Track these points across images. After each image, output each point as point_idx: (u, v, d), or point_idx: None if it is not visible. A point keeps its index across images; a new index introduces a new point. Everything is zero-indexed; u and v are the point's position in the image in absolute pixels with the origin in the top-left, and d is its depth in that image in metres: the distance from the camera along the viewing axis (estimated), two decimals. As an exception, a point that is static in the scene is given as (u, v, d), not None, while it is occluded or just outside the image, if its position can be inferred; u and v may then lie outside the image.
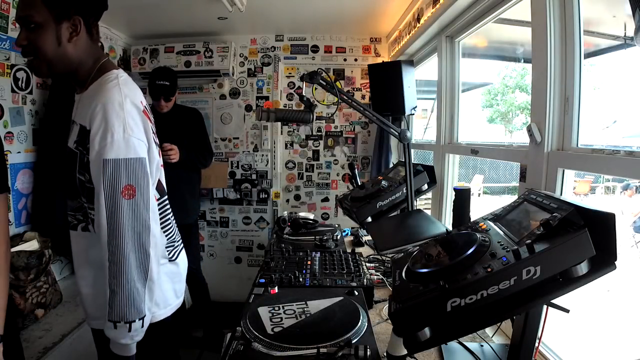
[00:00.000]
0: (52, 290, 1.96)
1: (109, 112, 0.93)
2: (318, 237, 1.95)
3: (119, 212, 0.92)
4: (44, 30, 0.95)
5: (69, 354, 1.73)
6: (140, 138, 0.98)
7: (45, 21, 0.95)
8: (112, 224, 0.91)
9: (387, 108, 2.05)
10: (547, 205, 0.83)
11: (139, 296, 0.93)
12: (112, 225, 0.91)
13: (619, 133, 2.82)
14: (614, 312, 2.74)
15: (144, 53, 2.99)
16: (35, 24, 0.94)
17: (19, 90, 2.01)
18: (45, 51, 0.96)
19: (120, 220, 0.91)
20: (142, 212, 0.95)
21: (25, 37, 0.95)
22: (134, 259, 0.92)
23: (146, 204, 0.96)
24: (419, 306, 0.75)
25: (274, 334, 1.03)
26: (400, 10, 2.55)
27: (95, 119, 0.93)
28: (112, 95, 0.95)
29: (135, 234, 0.93)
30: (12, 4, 1.92)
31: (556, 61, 1.16)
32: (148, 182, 0.97)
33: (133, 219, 0.93)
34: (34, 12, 0.93)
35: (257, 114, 1.63)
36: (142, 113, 1.01)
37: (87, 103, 0.98)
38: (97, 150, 0.92)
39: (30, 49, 0.96)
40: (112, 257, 0.91)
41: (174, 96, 2.42)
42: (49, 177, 2.08)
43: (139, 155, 0.96)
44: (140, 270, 0.94)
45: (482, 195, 7.42)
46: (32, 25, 0.94)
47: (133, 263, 0.92)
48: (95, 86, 1.01)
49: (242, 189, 3.28)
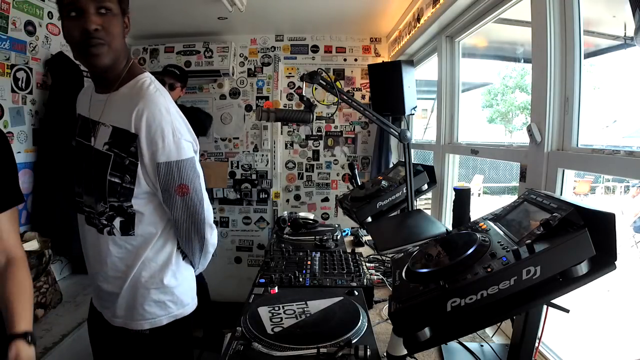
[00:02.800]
0: (52, 290, 1.96)
1: (158, 118, 0.98)
2: (318, 237, 1.95)
3: (182, 208, 1.04)
4: (117, 19, 0.98)
5: (69, 354, 1.73)
6: (188, 139, 1.03)
7: (117, 11, 0.98)
8: (181, 218, 1.05)
9: (387, 108, 2.05)
10: (547, 205, 0.83)
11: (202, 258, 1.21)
12: (180, 219, 1.06)
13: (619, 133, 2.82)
14: (614, 312, 2.74)
15: (144, 53, 2.99)
16: (111, 10, 0.95)
17: (19, 90, 2.01)
18: (116, 38, 0.98)
19: (184, 215, 1.05)
20: (197, 207, 1.06)
21: (101, 22, 0.94)
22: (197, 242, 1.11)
23: (199, 198, 1.06)
24: (419, 306, 0.75)
25: (274, 334, 1.03)
26: (400, 10, 2.55)
27: (143, 124, 0.97)
28: (157, 100, 0.99)
29: (196, 226, 1.08)
30: (12, 4, 1.92)
31: (556, 61, 1.16)
32: (199, 178, 1.06)
33: (192, 213, 1.06)
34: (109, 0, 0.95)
35: (257, 114, 1.63)
36: (182, 115, 1.07)
37: (123, 105, 1.00)
38: (149, 155, 0.98)
39: (103, 35, 0.95)
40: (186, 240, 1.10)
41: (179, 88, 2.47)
42: (49, 177, 2.08)
43: (188, 155, 1.02)
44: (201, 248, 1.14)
45: (482, 195, 7.42)
46: (106, 11, 0.95)
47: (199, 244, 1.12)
48: (130, 89, 1.03)
49: (242, 189, 3.28)
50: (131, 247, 1.06)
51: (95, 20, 0.93)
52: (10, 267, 0.99)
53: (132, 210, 1.03)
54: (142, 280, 1.07)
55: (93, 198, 1.04)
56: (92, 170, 1.03)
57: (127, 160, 0.99)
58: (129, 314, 1.08)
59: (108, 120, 1.02)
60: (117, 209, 1.03)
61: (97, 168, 1.02)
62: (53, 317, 1.90)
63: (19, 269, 0.99)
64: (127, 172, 1.00)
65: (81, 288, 2.23)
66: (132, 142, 0.98)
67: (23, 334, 0.88)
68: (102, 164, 1.01)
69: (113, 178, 1.00)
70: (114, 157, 1.00)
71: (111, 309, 1.11)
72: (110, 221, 1.04)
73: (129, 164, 0.99)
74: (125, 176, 1.00)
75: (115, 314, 1.10)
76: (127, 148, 0.99)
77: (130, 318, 1.09)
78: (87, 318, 1.29)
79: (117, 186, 1.01)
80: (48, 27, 2.18)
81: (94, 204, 1.04)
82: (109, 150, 1.00)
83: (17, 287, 0.96)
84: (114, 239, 1.05)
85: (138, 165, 0.99)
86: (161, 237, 1.09)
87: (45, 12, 2.15)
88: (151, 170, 0.99)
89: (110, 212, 1.03)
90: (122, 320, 1.10)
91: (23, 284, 0.98)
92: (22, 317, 0.91)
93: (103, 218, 1.04)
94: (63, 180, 2.09)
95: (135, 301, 1.08)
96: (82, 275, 2.36)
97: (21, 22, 2.00)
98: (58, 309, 1.98)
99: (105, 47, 0.96)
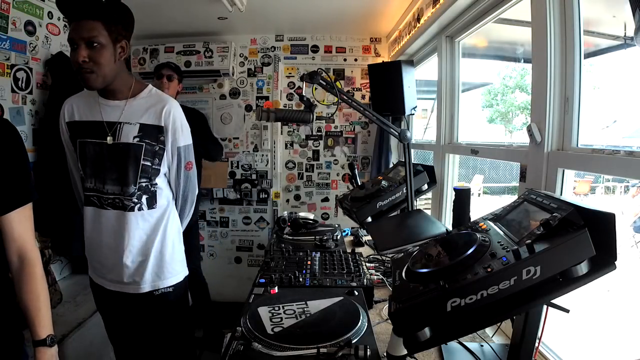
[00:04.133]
0: (52, 290, 1.96)
1: (178, 115, 1.34)
2: (318, 237, 1.95)
3: (185, 179, 1.41)
4: (105, 49, 1.19)
5: (69, 354, 1.73)
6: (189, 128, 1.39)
7: (107, 42, 1.19)
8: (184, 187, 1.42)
9: (387, 108, 2.05)
10: (547, 205, 0.83)
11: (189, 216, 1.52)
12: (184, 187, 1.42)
13: (619, 133, 2.82)
14: (614, 312, 2.74)
15: (144, 53, 2.99)
16: (99, 43, 1.18)
17: (19, 90, 2.01)
18: (105, 67, 1.20)
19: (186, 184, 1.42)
20: (194, 178, 1.45)
21: (87, 54, 1.17)
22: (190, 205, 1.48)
23: (194, 173, 1.44)
24: (419, 306, 0.75)
25: (274, 334, 1.03)
26: (400, 10, 2.55)
27: (170, 119, 1.31)
28: (174, 103, 1.35)
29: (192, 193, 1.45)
30: (12, 4, 1.92)
31: (556, 61, 1.16)
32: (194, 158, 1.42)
33: (192, 183, 1.44)
34: (98, 34, 1.17)
35: (257, 114, 1.63)
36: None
37: (148, 107, 1.31)
38: (172, 141, 1.33)
39: (90, 65, 1.18)
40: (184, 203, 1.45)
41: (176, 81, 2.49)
42: (49, 177, 2.08)
43: (190, 141, 1.40)
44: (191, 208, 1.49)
45: (482, 195, 7.42)
46: (95, 45, 1.17)
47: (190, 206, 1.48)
48: (148, 95, 1.34)
49: (242, 189, 3.28)
50: (153, 219, 1.35)
51: (83, 53, 1.16)
52: (24, 269, 0.99)
53: (155, 187, 1.34)
54: (166, 243, 1.37)
55: (120, 185, 1.29)
56: (118, 161, 1.28)
57: (157, 146, 1.31)
58: (157, 275, 1.36)
59: (133, 119, 1.29)
60: (145, 189, 1.32)
61: (126, 158, 1.28)
62: (53, 317, 1.88)
63: (34, 271, 1.00)
64: (156, 156, 1.32)
65: (81, 288, 2.23)
66: (161, 133, 1.31)
67: (44, 339, 0.98)
68: (132, 153, 1.28)
69: (145, 162, 1.30)
70: (146, 146, 1.29)
71: (138, 279, 1.34)
72: (139, 199, 1.32)
73: (159, 149, 1.32)
74: (155, 159, 1.32)
75: (143, 279, 1.34)
76: (157, 138, 1.31)
77: (159, 278, 1.37)
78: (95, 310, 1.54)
79: (148, 168, 1.31)
80: (48, 27, 2.18)
81: (124, 188, 1.29)
82: (141, 141, 1.29)
83: (33, 293, 0.99)
84: (142, 214, 1.33)
85: (165, 150, 1.33)
86: (170, 207, 1.41)
87: (45, 12, 2.15)
88: (171, 152, 1.34)
89: (139, 192, 1.31)
90: (150, 284, 1.35)
91: (38, 287, 1.01)
92: (41, 323, 0.99)
93: (134, 198, 1.30)
94: (63, 180, 2.10)
95: (162, 262, 1.37)
96: (82, 275, 2.36)
97: (21, 22, 2.00)
98: (58, 309, 1.98)
99: (93, 75, 1.20)
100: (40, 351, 0.98)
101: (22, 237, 0.99)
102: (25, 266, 0.99)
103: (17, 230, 0.98)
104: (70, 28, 1.18)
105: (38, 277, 1.01)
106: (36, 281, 1.00)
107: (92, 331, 1.93)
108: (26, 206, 1.01)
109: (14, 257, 0.99)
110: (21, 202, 0.99)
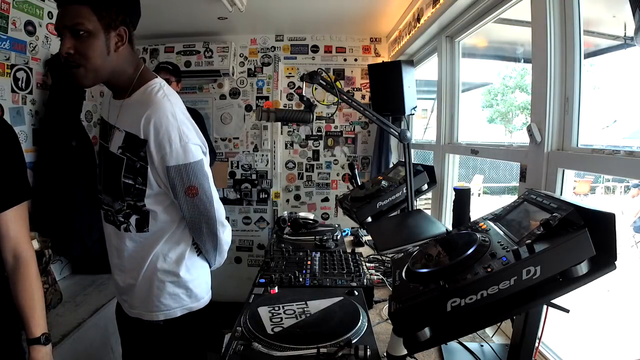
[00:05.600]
0: (52, 291, 1.96)
1: (165, 124, 0.99)
2: (318, 237, 1.95)
3: (190, 207, 1.07)
4: (95, 38, 0.97)
5: (69, 354, 1.73)
6: (196, 142, 1.05)
7: (96, 30, 0.96)
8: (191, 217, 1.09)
9: (387, 108, 2.05)
10: (547, 205, 0.83)
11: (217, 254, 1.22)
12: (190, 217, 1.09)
13: (619, 133, 2.82)
14: (614, 312, 2.74)
15: (144, 53, 2.99)
16: (86, 31, 0.95)
17: (19, 90, 2.01)
18: (95, 60, 0.98)
19: (193, 213, 1.08)
20: (207, 206, 1.08)
21: (73, 45, 0.95)
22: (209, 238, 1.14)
23: (209, 199, 1.08)
24: (419, 306, 0.74)
25: (274, 334, 1.03)
26: (400, 10, 2.55)
27: (151, 130, 0.99)
28: (163, 106, 1.01)
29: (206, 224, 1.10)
30: (12, 4, 1.92)
31: (556, 61, 1.16)
32: (208, 180, 1.08)
33: (200, 212, 1.08)
34: (84, 21, 0.94)
35: (257, 114, 1.63)
36: (190, 118, 1.09)
37: (134, 111, 1.03)
38: (159, 159, 1.01)
39: (77, 58, 0.96)
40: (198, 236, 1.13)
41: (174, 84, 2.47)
42: (49, 177, 2.08)
43: (197, 158, 1.04)
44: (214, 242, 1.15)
45: (482, 195, 7.43)
46: (81, 33, 0.95)
47: (211, 240, 1.14)
48: (140, 96, 1.06)
49: (242, 189, 3.28)
50: (146, 242, 1.10)
51: (67, 44, 0.95)
52: (19, 268, 0.99)
53: (145, 208, 1.08)
54: (157, 273, 1.11)
55: (111, 197, 1.10)
56: (109, 171, 1.09)
57: (137, 164, 1.03)
58: (144, 304, 1.14)
59: (122, 125, 1.05)
60: (133, 207, 1.08)
61: (113, 170, 1.06)
62: (53, 317, 1.89)
63: (28, 270, 1.00)
64: (138, 174, 1.04)
65: (81, 288, 2.23)
66: (141, 147, 1.01)
67: (38, 338, 0.98)
68: (116, 166, 1.05)
69: (126, 180, 1.05)
70: (127, 161, 1.04)
71: (128, 301, 1.17)
72: (127, 219, 1.09)
73: (140, 167, 1.03)
74: (138, 178, 1.04)
75: (132, 304, 1.16)
76: (138, 152, 1.02)
77: (145, 309, 1.14)
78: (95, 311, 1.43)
79: (130, 187, 1.05)
80: (48, 27, 2.18)
81: (112, 202, 1.09)
82: (122, 154, 1.04)
83: (27, 292, 0.99)
84: (130, 236, 1.10)
85: (148, 168, 1.03)
86: (175, 233, 1.12)
87: (45, 12, 2.15)
88: (162, 173, 1.03)
89: (127, 210, 1.08)
90: (138, 310, 1.15)
91: (33, 286, 1.00)
92: (36, 322, 0.98)
93: (120, 216, 1.09)
94: (63, 180, 2.09)
95: (150, 293, 1.12)
96: (82, 275, 2.36)
97: (21, 22, 2.00)
98: (58, 309, 1.98)
99: (81, 70, 0.98)
100: (34, 349, 0.98)
101: (17, 236, 0.99)
102: (20, 265, 0.99)
103: (12, 229, 0.98)
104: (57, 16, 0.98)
105: (33, 276, 1.01)
106: (31, 280, 1.00)
107: (92, 331, 1.92)
108: (21, 205, 1.01)
109: (8, 256, 0.98)
110: (16, 201, 0.99)
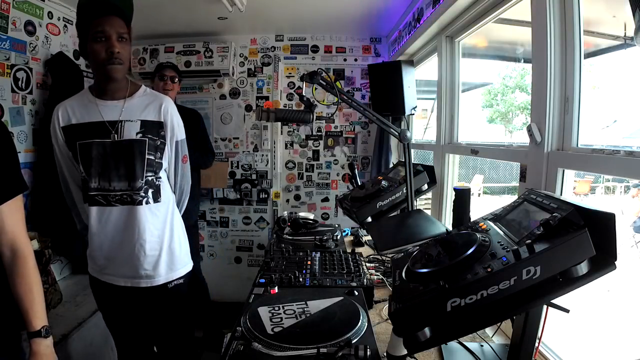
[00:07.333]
0: (52, 290, 1.96)
1: (175, 111, 1.44)
2: (318, 237, 1.94)
3: (182, 171, 1.50)
4: (129, 44, 1.32)
5: (69, 354, 1.73)
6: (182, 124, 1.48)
7: (129, 38, 1.31)
8: (181, 179, 1.52)
9: (387, 108, 2.06)
10: (547, 205, 0.83)
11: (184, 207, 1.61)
12: (180, 180, 1.52)
13: (619, 133, 2.82)
14: (614, 312, 2.74)
15: (144, 53, 2.99)
16: (126, 39, 1.29)
17: (19, 90, 2.01)
18: (128, 60, 1.33)
19: (183, 176, 1.52)
20: (188, 171, 1.54)
21: (119, 47, 1.26)
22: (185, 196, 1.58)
23: (188, 166, 1.54)
24: (419, 306, 0.74)
25: (274, 334, 1.03)
26: (400, 10, 2.55)
27: (168, 116, 1.41)
28: (168, 99, 1.45)
29: (187, 185, 1.55)
30: (12, 4, 1.92)
31: (556, 61, 1.16)
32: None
33: (187, 175, 1.53)
34: (125, 31, 1.28)
35: (257, 114, 1.63)
36: None
37: (145, 104, 1.39)
38: (171, 136, 1.42)
39: (121, 56, 1.28)
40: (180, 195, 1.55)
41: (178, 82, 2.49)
42: (49, 177, 2.08)
43: (184, 135, 1.49)
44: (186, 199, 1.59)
45: (482, 195, 7.43)
46: (124, 39, 1.28)
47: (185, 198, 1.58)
48: (143, 94, 1.42)
49: (242, 189, 3.28)
50: (160, 213, 1.42)
51: (116, 45, 1.25)
52: (17, 262, 0.99)
53: (159, 181, 1.41)
54: (174, 236, 1.45)
55: (127, 181, 1.35)
56: (124, 158, 1.33)
57: (158, 141, 1.39)
58: (170, 268, 1.44)
59: (133, 117, 1.36)
60: (150, 182, 1.38)
61: (130, 154, 1.33)
62: (53, 317, 1.90)
63: (26, 263, 1.00)
64: (158, 150, 1.39)
65: (81, 288, 2.23)
66: (161, 128, 1.39)
67: (38, 330, 0.98)
68: (136, 149, 1.34)
69: (150, 156, 1.37)
70: (149, 141, 1.36)
71: (152, 272, 1.40)
72: (146, 193, 1.37)
73: (160, 144, 1.39)
74: (157, 153, 1.39)
75: (157, 272, 1.41)
76: (158, 132, 1.39)
77: (171, 270, 1.44)
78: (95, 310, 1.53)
79: (152, 162, 1.38)
80: (48, 27, 2.18)
81: (131, 183, 1.35)
82: (144, 137, 1.35)
83: (26, 285, 0.99)
84: (149, 207, 1.38)
85: (166, 144, 1.41)
86: (172, 200, 1.49)
87: (45, 12, 2.16)
88: (170, 147, 1.43)
89: (146, 186, 1.37)
90: (164, 276, 1.42)
91: (31, 279, 1.00)
92: (36, 315, 0.98)
93: (141, 192, 1.36)
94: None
95: (173, 254, 1.44)
96: (82, 275, 2.36)
97: (21, 22, 2.00)
98: (58, 309, 1.98)
99: (122, 66, 1.30)
100: (35, 342, 0.97)
101: (13, 230, 0.99)
102: (18, 258, 0.99)
103: (8, 223, 0.98)
104: (97, 22, 1.23)
105: (31, 268, 1.00)
106: (29, 273, 1.00)
107: (92, 331, 1.93)
108: (16, 198, 1.00)
109: (5, 249, 0.98)
110: (11, 194, 0.99)
